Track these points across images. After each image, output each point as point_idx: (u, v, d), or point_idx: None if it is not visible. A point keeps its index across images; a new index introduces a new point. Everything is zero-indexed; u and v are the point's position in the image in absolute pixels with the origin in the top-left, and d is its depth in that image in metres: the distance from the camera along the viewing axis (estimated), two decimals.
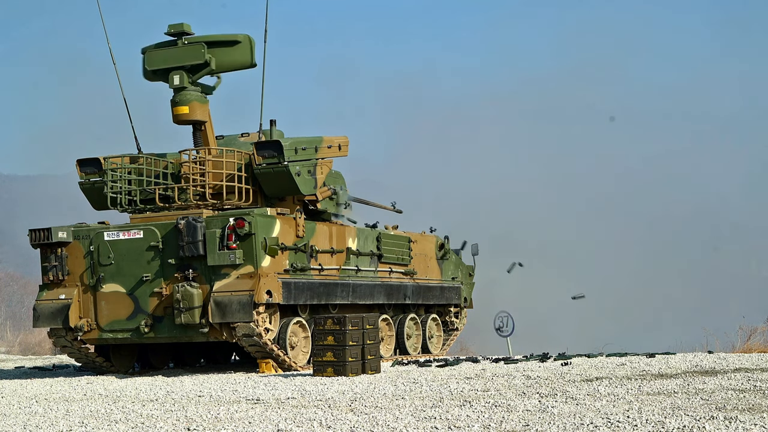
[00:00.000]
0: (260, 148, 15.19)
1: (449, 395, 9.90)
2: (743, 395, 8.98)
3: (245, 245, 13.85)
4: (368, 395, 10.12)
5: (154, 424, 8.50)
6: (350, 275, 16.09)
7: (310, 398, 10.05)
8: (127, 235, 14.41)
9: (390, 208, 19.92)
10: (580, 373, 11.95)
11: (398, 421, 8.08)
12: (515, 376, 11.78)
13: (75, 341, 14.75)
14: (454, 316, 19.93)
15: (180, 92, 15.09)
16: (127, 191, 15.27)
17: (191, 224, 13.92)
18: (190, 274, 13.98)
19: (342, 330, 12.52)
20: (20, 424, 9.02)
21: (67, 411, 9.91)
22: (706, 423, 7.20)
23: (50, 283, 14.84)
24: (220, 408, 9.54)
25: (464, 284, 20.26)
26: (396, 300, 17.44)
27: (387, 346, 17.30)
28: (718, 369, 11.82)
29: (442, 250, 19.53)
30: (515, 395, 9.62)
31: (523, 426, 7.55)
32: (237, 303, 13.68)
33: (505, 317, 21.09)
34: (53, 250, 14.77)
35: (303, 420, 8.36)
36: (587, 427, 7.33)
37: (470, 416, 8.17)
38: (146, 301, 14.28)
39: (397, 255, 17.60)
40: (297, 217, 14.84)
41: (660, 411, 8.00)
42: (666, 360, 13.54)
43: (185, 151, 15.26)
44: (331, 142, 16.24)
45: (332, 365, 12.53)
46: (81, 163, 15.77)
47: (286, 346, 14.38)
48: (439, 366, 13.88)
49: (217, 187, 15.08)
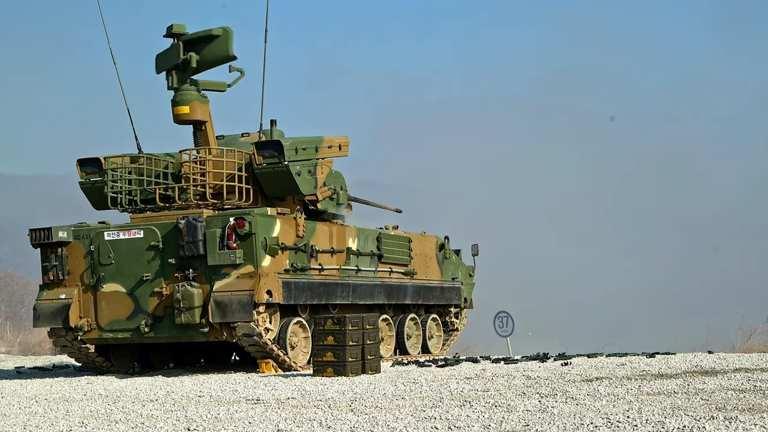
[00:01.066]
0: (261, 148, 15.19)
1: (449, 395, 9.90)
2: (743, 395, 8.98)
3: (245, 245, 13.85)
4: (368, 395, 10.12)
5: (154, 424, 8.50)
6: (350, 275, 16.09)
7: (310, 398, 10.05)
8: (127, 234, 14.42)
9: (390, 208, 19.93)
10: (580, 373, 11.95)
11: (398, 421, 8.08)
12: (515, 376, 11.78)
13: (75, 341, 14.75)
14: (454, 316, 19.93)
15: (180, 92, 15.08)
16: (128, 191, 15.28)
17: (191, 224, 13.92)
18: (191, 274, 13.98)
19: (342, 330, 12.51)
20: (20, 424, 9.02)
21: (67, 411, 9.91)
22: (706, 423, 7.20)
23: (50, 283, 14.84)
24: (220, 408, 9.54)
25: (464, 284, 20.26)
26: (396, 300, 17.44)
27: (387, 346, 17.30)
28: (718, 369, 11.82)
29: (443, 251, 19.53)
30: (515, 395, 9.62)
31: (523, 426, 7.55)
32: (237, 303, 13.69)
33: (505, 317, 21.08)
34: (53, 249, 14.77)
35: (303, 420, 8.36)
36: (587, 427, 7.33)
37: (470, 416, 8.17)
38: (146, 301, 14.29)
39: (397, 255, 17.60)
40: (297, 217, 14.85)
41: (660, 411, 8.00)
42: (666, 360, 13.54)
43: (186, 150, 15.26)
44: (332, 142, 16.24)
45: (332, 365, 12.53)
46: (81, 162, 15.77)
47: (286, 346, 14.38)
48: (439, 366, 13.88)
49: (217, 187, 15.08)
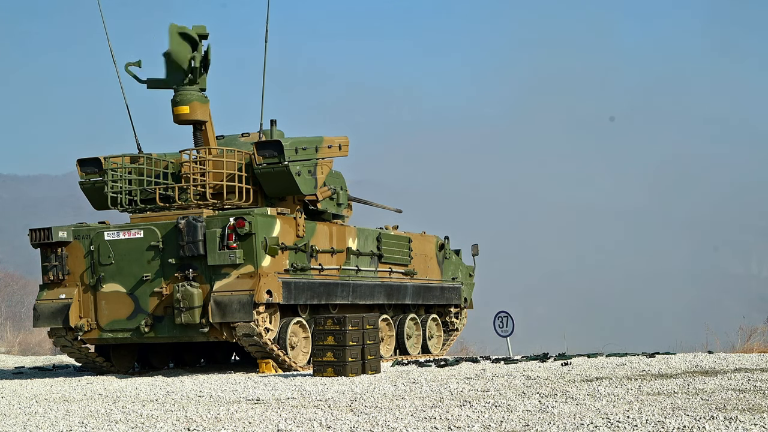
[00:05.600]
0: (261, 148, 15.19)
1: (449, 395, 9.90)
2: (743, 395, 8.97)
3: (245, 245, 13.85)
4: (368, 395, 10.12)
5: (154, 425, 8.49)
6: (350, 275, 16.08)
7: (310, 398, 10.05)
8: (127, 234, 14.42)
9: (390, 208, 19.92)
10: (580, 373, 11.95)
11: (398, 421, 8.08)
12: (515, 376, 11.78)
13: (75, 341, 14.75)
14: (454, 316, 19.93)
15: (180, 92, 15.07)
16: (128, 191, 15.27)
17: (191, 224, 13.92)
18: (191, 274, 13.98)
19: (342, 330, 12.51)
20: (20, 424, 9.02)
21: (67, 411, 9.91)
22: (706, 423, 7.20)
23: (50, 283, 14.84)
24: (220, 408, 9.54)
25: (464, 284, 20.26)
26: (396, 300, 17.43)
27: (387, 346, 17.30)
28: (718, 369, 11.82)
29: (443, 251, 19.53)
30: (515, 395, 9.62)
31: (523, 426, 7.55)
32: (237, 303, 13.69)
33: (505, 317, 21.07)
34: (53, 249, 14.77)
35: (303, 420, 8.36)
36: (587, 427, 7.33)
37: (470, 416, 8.17)
38: (146, 301, 14.29)
39: (397, 255, 17.60)
40: (297, 217, 14.85)
41: (660, 411, 8.00)
42: (666, 360, 13.53)
43: (186, 150, 15.26)
44: (332, 142, 16.24)
45: (332, 365, 12.52)
46: (81, 162, 15.77)
47: (286, 346, 14.38)
48: (439, 366, 13.87)
49: (217, 187, 15.08)
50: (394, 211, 20.17)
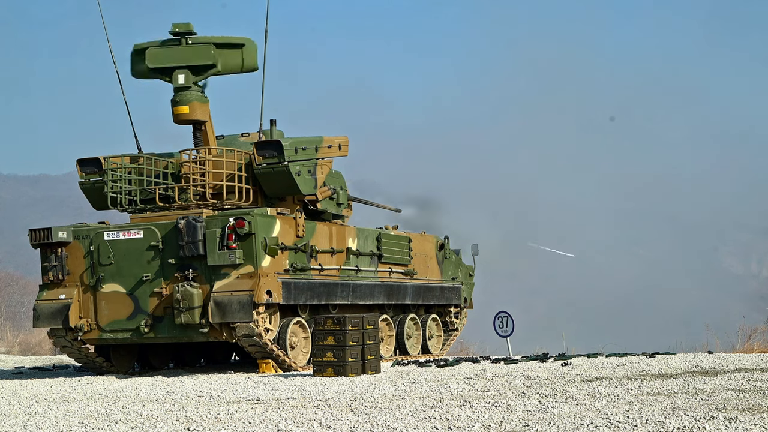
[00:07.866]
0: (260, 148, 15.19)
1: (449, 395, 9.90)
2: (743, 395, 8.97)
3: (245, 245, 13.85)
4: (368, 395, 10.12)
5: (154, 425, 8.49)
6: (350, 275, 16.08)
7: (310, 398, 10.05)
8: (127, 235, 14.41)
9: (390, 208, 19.92)
10: (580, 373, 11.95)
11: (398, 421, 8.08)
12: (515, 376, 11.78)
13: (75, 341, 14.75)
14: (454, 316, 19.93)
15: (181, 92, 15.07)
16: (127, 191, 15.27)
17: (191, 224, 13.92)
18: (190, 274, 13.98)
19: (342, 330, 12.51)
20: (20, 424, 9.02)
21: (67, 411, 9.91)
22: (706, 423, 7.20)
23: (50, 283, 14.84)
24: (220, 408, 9.54)
25: (464, 284, 20.26)
26: (396, 300, 17.43)
27: (387, 346, 17.29)
28: (718, 369, 11.82)
29: (442, 251, 19.53)
30: (515, 395, 9.62)
31: (523, 426, 7.55)
32: (237, 303, 13.68)
33: (505, 317, 21.07)
34: (53, 250, 14.77)
35: (303, 420, 8.36)
36: (587, 427, 7.33)
37: (470, 416, 8.17)
38: (146, 301, 14.28)
39: (397, 255, 17.60)
40: (297, 217, 14.84)
41: (660, 411, 8.00)
42: (666, 360, 13.54)
43: (185, 150, 15.26)
44: (332, 142, 16.24)
45: (332, 365, 12.52)
46: (81, 162, 15.76)
47: (286, 346, 14.38)
48: (439, 366, 13.87)
49: (217, 187, 15.08)
50: (394, 211, 20.17)
